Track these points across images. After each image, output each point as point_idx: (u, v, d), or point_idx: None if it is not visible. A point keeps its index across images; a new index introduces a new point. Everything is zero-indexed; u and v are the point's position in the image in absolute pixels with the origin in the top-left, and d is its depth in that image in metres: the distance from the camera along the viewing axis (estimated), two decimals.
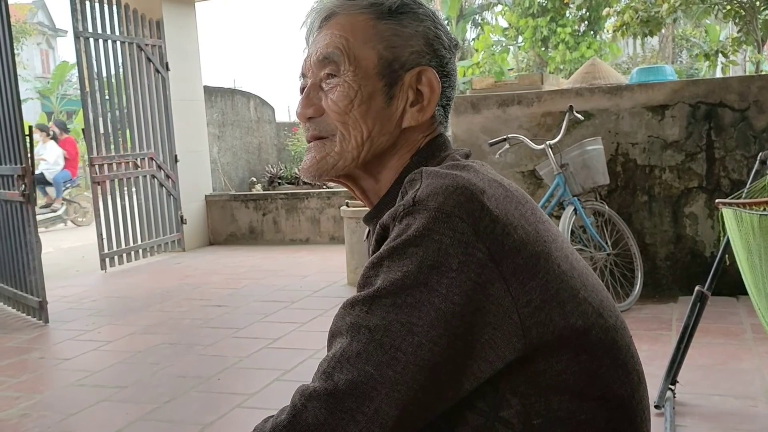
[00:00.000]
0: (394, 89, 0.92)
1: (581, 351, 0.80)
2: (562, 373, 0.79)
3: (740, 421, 2.57)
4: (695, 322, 2.64)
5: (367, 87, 0.91)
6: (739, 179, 4.14)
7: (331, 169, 0.94)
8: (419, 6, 0.94)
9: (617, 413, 0.83)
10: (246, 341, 3.92)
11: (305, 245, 7.35)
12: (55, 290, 5.42)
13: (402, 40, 0.92)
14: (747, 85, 4.21)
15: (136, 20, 6.80)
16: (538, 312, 0.77)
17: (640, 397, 0.87)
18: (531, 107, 4.59)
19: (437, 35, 0.94)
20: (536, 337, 0.77)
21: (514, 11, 17.94)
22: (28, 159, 4.51)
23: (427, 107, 0.93)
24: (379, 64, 0.91)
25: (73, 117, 23.23)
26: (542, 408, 0.78)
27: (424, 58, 0.93)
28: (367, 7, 0.92)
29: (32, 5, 30.52)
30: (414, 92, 0.93)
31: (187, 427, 2.79)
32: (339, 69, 0.91)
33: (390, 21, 0.92)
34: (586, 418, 0.80)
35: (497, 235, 0.76)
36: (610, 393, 0.82)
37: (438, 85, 0.93)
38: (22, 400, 3.19)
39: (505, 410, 0.78)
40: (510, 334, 0.75)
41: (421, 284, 0.74)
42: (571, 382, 0.79)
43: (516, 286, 0.76)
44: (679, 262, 4.36)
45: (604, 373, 0.82)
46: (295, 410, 0.77)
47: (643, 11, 9.78)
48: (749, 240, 2.13)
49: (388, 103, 0.92)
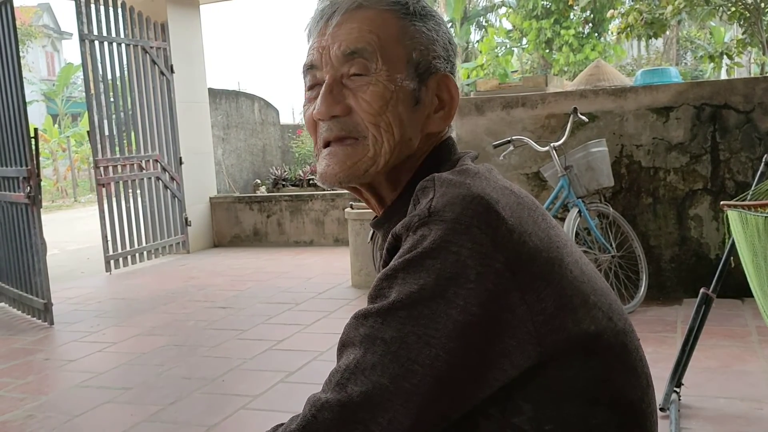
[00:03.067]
0: (421, 93, 0.89)
1: (593, 355, 0.80)
2: (574, 379, 0.78)
3: (746, 424, 2.57)
4: (700, 324, 2.63)
5: (400, 89, 0.87)
6: (744, 181, 4.13)
7: (362, 174, 0.89)
8: (435, 11, 0.93)
9: (628, 417, 0.83)
10: (250, 343, 3.93)
11: (309, 247, 7.36)
12: (60, 292, 5.43)
13: (428, 42, 0.90)
14: (752, 87, 4.20)
15: (141, 23, 6.82)
16: (552, 319, 0.76)
17: (649, 400, 0.87)
18: (535, 109, 4.59)
19: (451, 42, 0.94)
20: (550, 345, 0.76)
21: (518, 13, 17.94)
22: (33, 161, 4.52)
23: (449, 114, 0.92)
24: (408, 66, 0.88)
25: (79, 119, 23.31)
26: (554, 414, 0.78)
27: (443, 63, 0.92)
28: (394, 4, 0.89)
29: (38, 8, 30.63)
30: (436, 98, 0.91)
31: (191, 428, 2.80)
32: (369, 67, 0.87)
33: (417, 22, 0.90)
34: (598, 422, 0.80)
35: (514, 244, 0.76)
36: (622, 397, 0.82)
37: (457, 93, 0.92)
38: (28, 401, 3.20)
39: (517, 416, 0.78)
40: (525, 343, 0.75)
41: (438, 296, 0.73)
42: (582, 387, 0.79)
43: (531, 294, 0.75)
44: (684, 264, 4.35)
45: (615, 377, 0.81)
46: (305, 421, 0.75)
47: (648, 13, 9.76)
48: (754, 242, 2.12)
49: (414, 108, 0.89)
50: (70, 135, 20.37)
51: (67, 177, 19.62)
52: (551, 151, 4.05)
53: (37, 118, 22.89)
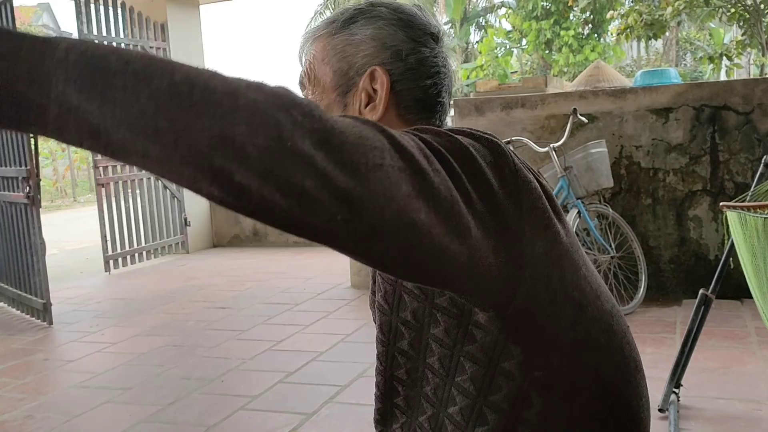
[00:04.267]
0: (347, 97, 0.93)
1: (578, 322, 0.82)
2: (560, 334, 0.81)
3: (745, 425, 2.57)
4: (699, 325, 2.63)
5: (323, 101, 0.94)
6: (743, 182, 4.13)
7: None
8: (373, 8, 0.94)
9: (612, 398, 0.85)
10: (250, 343, 3.93)
11: (309, 247, 7.35)
12: (59, 292, 5.43)
13: (353, 47, 0.93)
14: (751, 88, 4.20)
15: (140, 23, 6.82)
16: (539, 260, 0.79)
17: (637, 383, 0.89)
18: (535, 110, 4.59)
19: (391, 32, 0.92)
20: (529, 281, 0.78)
21: (518, 14, 17.96)
22: (32, 161, 4.52)
23: (379, 104, 0.92)
24: (335, 78, 0.94)
25: None
26: (542, 363, 0.81)
27: (377, 58, 0.92)
28: (325, 27, 0.96)
29: (37, 8, 30.63)
30: (368, 93, 0.92)
31: (190, 428, 2.80)
32: (307, 94, 0.96)
33: (342, 33, 0.94)
34: (583, 385, 0.83)
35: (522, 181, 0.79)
36: (606, 373, 0.85)
37: (387, 79, 0.91)
38: (27, 401, 3.20)
39: (507, 361, 0.81)
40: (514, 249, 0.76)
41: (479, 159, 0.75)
42: (569, 347, 0.82)
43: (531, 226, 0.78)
44: (684, 265, 4.35)
45: (599, 350, 0.84)
46: (393, 142, 0.63)
47: (648, 14, 9.78)
48: (753, 243, 2.12)
49: (344, 111, 0.93)
50: None
51: (67, 177, 19.61)
52: (551, 152, 4.06)
53: None
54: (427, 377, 0.90)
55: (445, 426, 0.88)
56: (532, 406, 0.81)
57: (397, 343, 0.93)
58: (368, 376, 3.27)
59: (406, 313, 0.90)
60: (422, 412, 0.92)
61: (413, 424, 0.94)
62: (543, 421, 0.81)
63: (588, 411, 0.84)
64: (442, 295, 0.85)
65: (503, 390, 0.82)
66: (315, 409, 2.90)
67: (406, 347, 0.92)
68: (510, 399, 0.81)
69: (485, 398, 0.83)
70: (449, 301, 0.84)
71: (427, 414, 0.91)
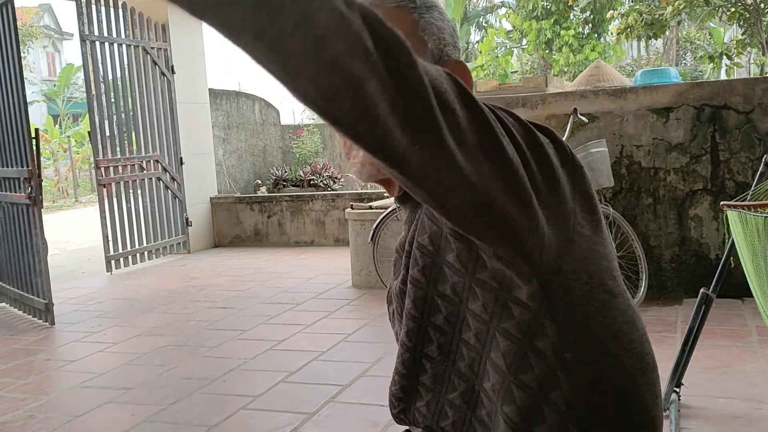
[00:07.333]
0: None
1: (608, 308, 0.86)
2: (591, 316, 0.84)
3: (745, 424, 2.57)
4: (700, 324, 2.63)
5: None
6: (743, 181, 4.14)
7: None
8: (436, 1, 0.96)
9: (631, 388, 0.87)
10: (251, 343, 3.93)
11: (310, 247, 7.37)
12: (61, 292, 5.44)
13: (438, 32, 0.93)
14: (751, 88, 4.21)
15: (141, 23, 6.83)
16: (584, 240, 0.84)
17: (653, 381, 0.90)
18: (535, 110, 4.60)
19: (455, 29, 0.96)
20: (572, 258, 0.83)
21: (518, 14, 17.94)
22: (34, 162, 4.53)
23: None
24: (426, 58, 0.90)
25: (80, 120, 23.31)
26: (574, 344, 0.83)
27: (453, 51, 0.94)
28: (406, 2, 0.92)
29: (39, 8, 30.65)
30: None
31: (192, 428, 2.80)
32: None
33: (425, 14, 0.92)
34: (607, 372, 0.85)
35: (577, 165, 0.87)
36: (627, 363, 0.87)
37: (471, 79, 0.94)
38: (28, 401, 3.21)
39: (540, 339, 0.83)
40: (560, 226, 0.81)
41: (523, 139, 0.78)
42: (597, 331, 0.85)
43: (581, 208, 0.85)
44: (684, 265, 4.36)
45: (623, 339, 0.87)
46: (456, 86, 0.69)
47: (648, 14, 9.77)
48: (754, 242, 2.13)
49: None
50: (71, 135, 20.38)
51: (68, 177, 19.63)
52: None
53: (38, 118, 22.89)
54: (461, 352, 0.90)
55: (481, 400, 0.89)
56: (559, 387, 0.83)
57: (431, 318, 0.93)
58: (370, 375, 3.28)
59: (445, 286, 0.90)
60: (452, 389, 0.92)
61: (441, 401, 0.94)
62: (568, 403, 0.82)
63: (608, 398, 0.85)
64: (484, 269, 0.85)
65: (535, 370, 0.83)
66: (316, 409, 2.91)
67: (440, 322, 0.92)
68: (539, 379, 0.83)
69: (515, 376, 0.84)
70: (490, 274, 0.84)
71: (459, 390, 0.91)
